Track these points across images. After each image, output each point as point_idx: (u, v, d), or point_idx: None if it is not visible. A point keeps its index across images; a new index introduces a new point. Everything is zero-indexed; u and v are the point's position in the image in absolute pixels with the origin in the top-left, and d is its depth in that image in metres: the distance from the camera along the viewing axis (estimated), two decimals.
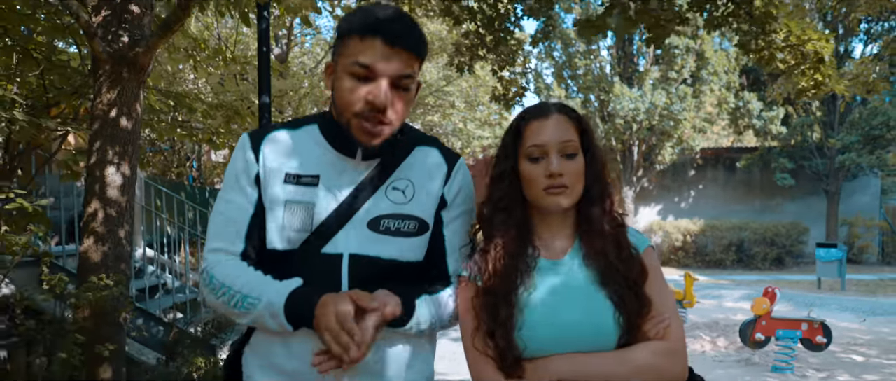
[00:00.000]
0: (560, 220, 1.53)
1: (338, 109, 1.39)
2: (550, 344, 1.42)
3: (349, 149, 1.42)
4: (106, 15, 3.79)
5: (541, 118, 1.48)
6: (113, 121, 3.83)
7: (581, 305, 1.44)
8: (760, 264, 16.98)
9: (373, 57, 1.33)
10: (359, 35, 1.34)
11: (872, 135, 16.12)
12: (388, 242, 1.44)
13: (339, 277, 1.41)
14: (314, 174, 1.43)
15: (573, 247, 1.52)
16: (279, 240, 1.42)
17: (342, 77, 1.36)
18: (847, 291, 12.10)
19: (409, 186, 1.48)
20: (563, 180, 1.44)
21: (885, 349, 7.70)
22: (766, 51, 4.41)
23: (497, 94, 5.42)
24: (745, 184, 19.20)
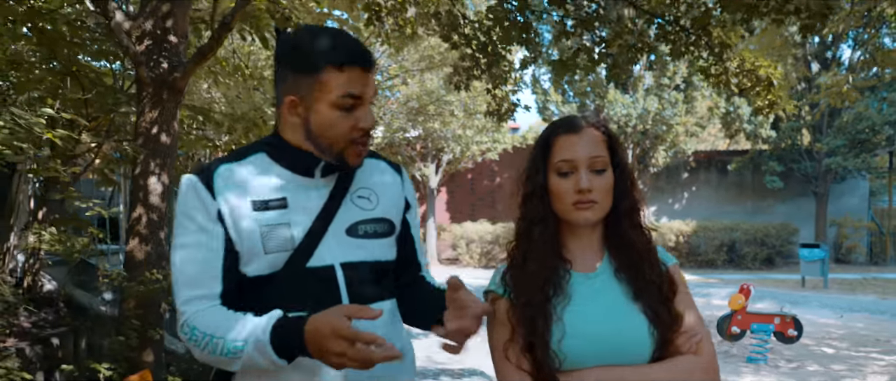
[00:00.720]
0: (589, 234, 1.53)
1: (323, 143, 1.42)
2: (587, 356, 1.43)
3: (307, 168, 1.46)
4: (148, 45, 4.35)
5: (571, 133, 1.48)
6: (154, 136, 4.39)
7: (616, 318, 1.45)
8: (751, 263, 17.51)
9: (358, 86, 1.38)
10: (336, 66, 1.37)
11: (858, 139, 16.66)
12: (368, 245, 1.50)
13: (336, 288, 1.44)
14: (281, 197, 1.44)
15: (603, 260, 1.53)
16: (262, 266, 1.42)
17: (325, 112, 1.39)
18: (829, 289, 12.65)
19: (372, 194, 1.55)
20: (592, 196, 1.45)
21: (855, 342, 8.24)
22: (724, 76, 4.97)
23: (491, 109, 5.99)
24: (737, 186, 19.74)
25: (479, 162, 19.32)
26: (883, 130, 16.27)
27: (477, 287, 1.49)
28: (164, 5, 4.36)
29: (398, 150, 17.49)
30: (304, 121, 1.41)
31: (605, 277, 1.50)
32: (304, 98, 1.39)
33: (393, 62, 12.23)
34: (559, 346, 1.42)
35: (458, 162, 18.52)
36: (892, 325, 9.44)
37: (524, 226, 1.53)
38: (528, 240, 1.51)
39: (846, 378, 6.50)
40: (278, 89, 1.44)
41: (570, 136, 1.46)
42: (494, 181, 20.38)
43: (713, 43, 4.65)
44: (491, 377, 6.16)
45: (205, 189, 1.41)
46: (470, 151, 16.97)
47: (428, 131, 16.05)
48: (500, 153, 18.74)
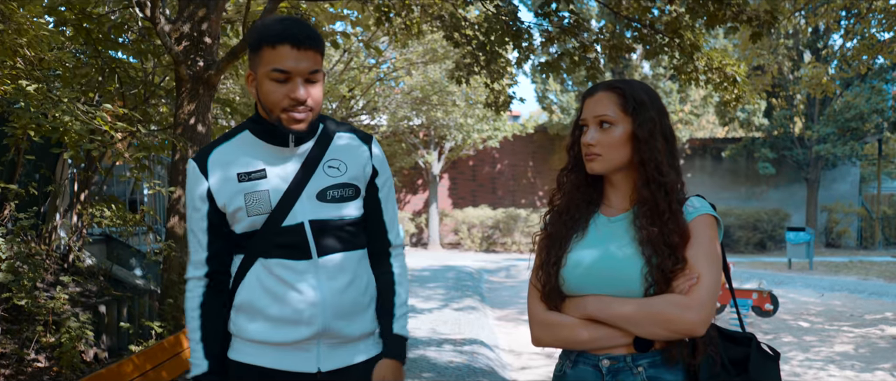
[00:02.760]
0: (621, 183, 1.69)
1: (266, 109, 1.70)
2: (584, 285, 1.63)
3: (282, 139, 1.74)
4: (186, 45, 4.92)
5: (590, 96, 1.69)
6: (192, 126, 4.97)
7: (614, 256, 1.62)
8: (744, 248, 18.10)
9: (286, 62, 1.63)
10: (270, 45, 1.65)
11: (848, 127, 17.18)
12: (334, 207, 1.78)
13: (306, 240, 1.75)
14: (260, 168, 1.74)
15: (631, 209, 1.67)
16: (245, 225, 1.74)
17: (264, 83, 1.67)
18: (814, 271, 13.23)
19: (341, 164, 1.80)
20: (595, 150, 1.63)
21: (830, 317, 8.84)
22: (694, 73, 5.54)
23: (489, 101, 6.57)
24: (732, 172, 20.28)
25: (481, 149, 19.85)
26: (871, 118, 16.78)
27: (478, 269, 1.98)
28: (200, 10, 4.93)
29: (402, 137, 18.02)
30: (256, 93, 1.72)
31: (625, 222, 1.66)
32: (255, 73, 1.71)
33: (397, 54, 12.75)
34: (563, 271, 1.65)
35: (460, 149, 19.04)
36: (868, 303, 10.03)
37: (564, 173, 1.76)
38: (561, 185, 1.77)
39: (815, 347, 7.10)
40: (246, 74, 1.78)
41: (589, 98, 1.68)
42: (495, 168, 20.93)
43: (685, 44, 5.24)
44: (490, 346, 6.77)
45: (198, 171, 1.76)
46: (471, 139, 17.51)
47: (431, 120, 16.55)
48: (501, 141, 19.28)
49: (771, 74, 12.42)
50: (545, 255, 1.71)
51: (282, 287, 1.73)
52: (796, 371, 6.15)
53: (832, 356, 6.68)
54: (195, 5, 4.95)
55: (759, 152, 18.43)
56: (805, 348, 7.09)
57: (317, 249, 1.75)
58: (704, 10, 4.51)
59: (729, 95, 5.76)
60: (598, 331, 1.60)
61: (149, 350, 3.30)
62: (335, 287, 1.76)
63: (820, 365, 6.33)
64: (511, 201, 20.51)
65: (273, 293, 1.74)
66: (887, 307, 9.49)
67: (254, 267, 1.76)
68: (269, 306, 1.74)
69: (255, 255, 1.75)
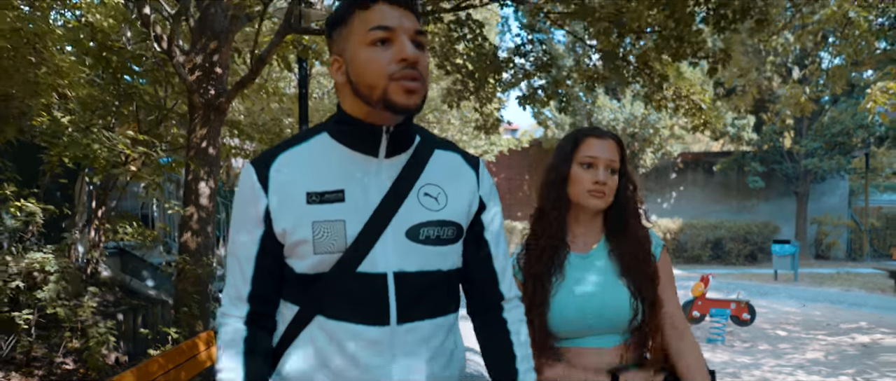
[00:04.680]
0: (590, 220, 1.83)
1: (365, 87, 1.30)
2: (576, 323, 1.72)
3: (370, 144, 1.35)
4: (198, 75, 5.38)
5: (596, 137, 1.81)
6: (203, 149, 5.43)
7: (602, 291, 1.74)
8: (734, 259, 18.52)
9: (388, 18, 1.29)
10: (361, 8, 1.31)
11: (835, 142, 17.66)
12: (430, 252, 1.36)
13: (386, 299, 1.31)
14: (338, 189, 1.33)
15: (599, 243, 1.82)
16: (309, 265, 1.32)
17: (360, 54, 1.30)
18: (799, 282, 13.65)
19: (440, 193, 1.39)
20: (605, 189, 1.77)
21: (808, 326, 9.25)
22: (664, 101, 6.03)
23: (478, 124, 7.06)
24: (723, 186, 20.75)
25: None
26: (857, 132, 17.24)
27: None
28: (212, 43, 5.40)
29: None
30: (346, 75, 1.33)
31: (598, 257, 1.80)
32: (343, 51, 1.33)
33: None
34: (551, 314, 1.72)
35: None
36: (846, 312, 10.44)
37: (544, 205, 1.83)
38: (544, 222, 1.81)
39: (788, 354, 7.51)
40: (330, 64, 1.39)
41: (596, 139, 1.80)
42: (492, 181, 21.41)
43: (654, 74, 5.72)
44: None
45: (258, 183, 1.34)
46: None
47: None
48: (497, 155, 19.77)
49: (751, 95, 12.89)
50: (528, 300, 1.70)
51: (344, 361, 1.31)
52: (766, 376, 6.56)
53: (802, 363, 7.10)
54: (207, 38, 5.41)
55: (750, 166, 18.89)
56: (778, 355, 7.50)
57: (397, 312, 1.32)
58: (668, 47, 5.00)
59: (697, 120, 6.25)
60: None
61: (169, 352, 3.72)
62: (412, 366, 1.33)
63: (789, 371, 6.75)
64: (507, 213, 20.96)
65: (333, 368, 1.31)
66: (864, 317, 9.90)
67: (310, 327, 1.34)
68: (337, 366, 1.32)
69: (313, 309, 1.33)
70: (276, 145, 1.41)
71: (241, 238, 1.37)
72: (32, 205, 3.70)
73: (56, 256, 3.65)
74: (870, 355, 7.41)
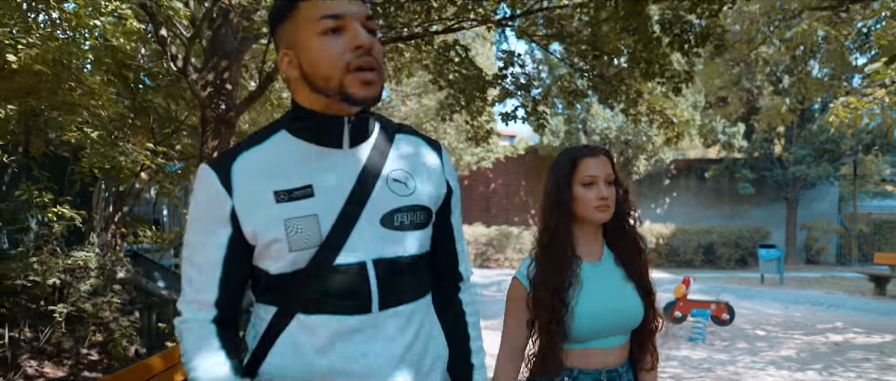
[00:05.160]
0: (593, 232, 1.96)
1: (321, 79, 1.26)
2: (595, 328, 1.87)
3: (332, 136, 1.32)
4: (210, 91, 5.86)
5: (591, 156, 1.92)
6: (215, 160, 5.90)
7: (618, 296, 1.90)
8: (725, 263, 18.95)
9: (337, 6, 1.25)
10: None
11: (823, 149, 18.11)
12: (405, 238, 1.35)
13: (367, 286, 1.30)
14: (305, 185, 1.29)
15: (604, 252, 1.97)
16: (284, 264, 1.28)
17: (311, 45, 1.25)
18: (785, 285, 14.09)
19: (408, 178, 1.38)
20: (608, 202, 1.89)
21: (786, 326, 9.69)
22: (639, 115, 6.51)
23: (470, 136, 7.56)
24: (715, 192, 21.19)
25: (475, 170, 20.80)
26: (844, 140, 17.70)
27: (473, 282, 1.71)
28: (223, 62, 5.87)
29: None
30: (300, 68, 1.28)
31: (607, 264, 1.95)
32: (293, 44, 1.29)
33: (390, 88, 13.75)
34: (573, 321, 1.83)
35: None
36: (825, 314, 10.89)
37: (551, 226, 1.92)
38: (553, 238, 1.91)
39: (763, 352, 7.96)
40: (278, 60, 1.33)
41: (591, 158, 1.92)
42: (489, 187, 21.88)
43: (630, 91, 6.20)
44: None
45: (220, 185, 1.28)
46: (464, 162, 18.49)
47: None
48: (494, 162, 20.23)
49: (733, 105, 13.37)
50: (545, 310, 1.84)
51: (327, 355, 1.28)
52: (739, 371, 7.01)
53: (775, 359, 7.55)
54: (218, 57, 5.89)
55: (740, 173, 19.34)
56: (754, 352, 7.95)
57: (379, 299, 1.32)
58: (638, 68, 5.49)
59: (670, 132, 6.73)
60: None
61: None
62: (395, 352, 1.33)
63: (761, 366, 7.20)
64: (504, 219, 21.42)
65: (315, 365, 1.28)
66: (841, 318, 10.35)
67: (290, 326, 1.30)
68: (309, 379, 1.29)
69: (293, 307, 1.29)
70: (231, 148, 1.35)
71: (203, 242, 1.30)
72: (68, 210, 4.16)
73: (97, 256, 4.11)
74: (839, 352, 7.86)
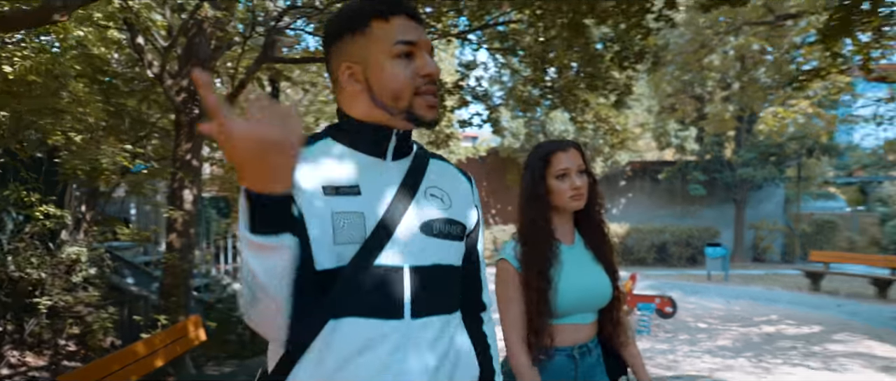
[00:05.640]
0: (568, 218, 2.15)
1: (390, 97, 1.30)
2: (574, 303, 2.05)
3: (379, 146, 1.35)
4: (184, 97, 6.19)
5: (563, 151, 2.10)
6: (187, 162, 6.23)
7: (591, 275, 2.10)
8: (676, 261, 19.74)
9: (410, 33, 1.31)
10: (383, 17, 1.31)
11: (769, 153, 19.02)
12: (443, 246, 1.37)
13: (401, 292, 1.29)
14: (353, 184, 1.30)
15: (576, 237, 2.16)
16: (328, 258, 1.25)
17: (385, 65, 1.30)
18: (729, 282, 14.85)
19: (444, 195, 1.42)
20: (581, 191, 2.08)
21: (726, 319, 10.36)
22: (585, 122, 7.06)
23: (430, 139, 8.03)
24: (668, 193, 21.99)
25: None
26: (788, 144, 18.62)
27: None
28: (196, 68, 6.20)
29: None
30: (366, 83, 1.32)
31: (579, 247, 2.15)
32: (361, 60, 1.32)
33: None
34: (557, 297, 2.01)
35: None
36: (762, 307, 11.60)
37: (531, 216, 2.10)
38: (534, 226, 2.09)
39: (702, 342, 8.57)
40: (331, 67, 1.37)
41: (562, 152, 2.10)
42: None
43: (578, 101, 6.74)
44: None
45: None
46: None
47: None
48: (456, 163, 20.64)
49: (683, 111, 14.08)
50: (531, 289, 2.02)
51: (360, 358, 1.25)
52: (677, 359, 7.59)
53: (711, 348, 8.16)
54: (192, 64, 6.23)
55: (692, 175, 20.17)
56: (694, 343, 8.56)
57: (412, 306, 1.31)
58: (584, 80, 6.02)
59: (615, 139, 7.28)
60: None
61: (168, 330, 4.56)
62: (426, 365, 1.30)
63: (698, 355, 7.79)
64: None
65: (348, 368, 1.24)
66: (776, 311, 11.07)
67: (323, 332, 1.26)
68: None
69: (328, 310, 1.26)
70: None
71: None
72: (54, 209, 4.48)
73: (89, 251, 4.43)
74: (770, 341, 8.52)
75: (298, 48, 7.67)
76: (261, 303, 1.14)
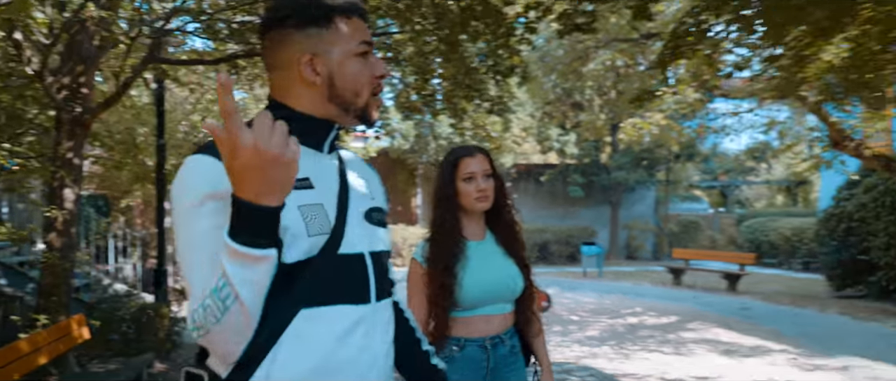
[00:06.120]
0: (478, 217, 2.33)
1: (351, 94, 1.31)
2: (483, 296, 2.22)
3: (319, 141, 1.34)
4: (66, 94, 6.12)
5: (470, 156, 2.29)
6: (68, 160, 6.16)
7: (501, 268, 2.26)
8: (557, 259, 20.81)
9: (367, 34, 1.34)
10: (347, 16, 1.31)
11: (640, 157, 20.47)
12: (380, 232, 1.41)
13: (366, 279, 1.33)
14: (305, 177, 1.26)
15: (487, 233, 2.34)
16: (299, 250, 1.22)
17: (349, 63, 1.31)
18: (603, 278, 15.93)
19: (366, 185, 1.44)
20: (487, 193, 2.26)
21: (596, 312, 11.19)
22: (464, 129, 7.56)
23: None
24: (550, 194, 23.12)
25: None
26: (658, 150, 20.12)
27: None
28: (79, 66, 6.15)
29: None
30: (328, 78, 1.30)
31: (489, 243, 2.33)
32: (325, 53, 1.30)
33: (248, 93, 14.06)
34: (461, 291, 2.17)
35: None
36: (630, 301, 12.56)
37: (440, 216, 2.30)
38: (443, 225, 2.28)
39: (573, 333, 9.27)
40: (280, 54, 1.31)
41: (470, 158, 2.29)
42: None
43: (458, 109, 7.23)
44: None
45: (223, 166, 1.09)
46: None
47: None
48: None
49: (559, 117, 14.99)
50: (436, 284, 2.21)
51: (334, 345, 1.25)
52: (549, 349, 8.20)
53: (580, 338, 8.86)
54: (75, 62, 6.16)
55: (572, 177, 21.34)
56: (565, 333, 9.24)
57: (376, 290, 1.35)
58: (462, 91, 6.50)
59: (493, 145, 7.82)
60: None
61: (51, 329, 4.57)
62: (386, 342, 1.38)
63: (568, 345, 8.46)
64: None
65: (322, 356, 1.23)
66: (642, 305, 12.04)
67: (294, 322, 1.22)
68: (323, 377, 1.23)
69: (298, 301, 1.22)
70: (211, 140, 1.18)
71: (212, 231, 1.14)
72: None
73: None
74: (632, 331, 9.35)
75: (185, 48, 7.69)
76: (231, 317, 1.10)
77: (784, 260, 18.65)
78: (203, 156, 1.22)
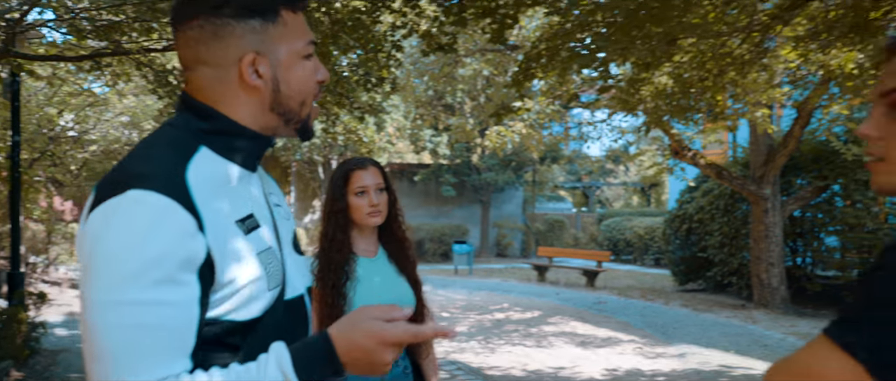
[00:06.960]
0: (370, 232, 2.24)
1: (297, 102, 1.09)
2: None
3: (255, 158, 1.12)
4: None
5: (361, 169, 2.18)
6: None
7: (393, 286, 2.20)
8: (431, 257, 21.32)
9: (311, 32, 1.12)
10: (293, 10, 1.09)
11: (508, 159, 21.40)
12: (303, 260, 1.24)
13: (305, 321, 1.18)
14: (250, 213, 1.06)
15: (380, 250, 2.26)
16: (259, 307, 1.04)
17: (297, 65, 1.08)
18: (473, 275, 16.56)
19: (277, 197, 1.22)
20: (379, 208, 2.17)
21: (466, 308, 11.68)
22: (334, 134, 7.83)
23: None
24: (424, 194, 23.61)
25: None
26: (524, 153, 21.11)
27: None
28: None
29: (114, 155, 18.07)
30: (274, 82, 1.07)
31: (382, 260, 2.25)
32: (270, 53, 1.06)
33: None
34: (354, 305, 2.08)
35: None
36: (498, 297, 13.19)
37: (330, 232, 2.19)
38: (333, 241, 2.17)
39: None
40: (211, 47, 1.05)
41: (361, 171, 2.19)
42: None
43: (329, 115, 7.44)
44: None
45: (189, 214, 0.93)
46: None
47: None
48: None
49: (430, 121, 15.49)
50: (326, 305, 2.10)
51: None
52: None
53: None
54: None
55: (444, 177, 21.94)
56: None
57: (312, 328, 1.25)
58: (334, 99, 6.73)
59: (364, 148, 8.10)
60: None
61: None
62: None
63: (437, 340, 8.82)
64: None
65: None
66: (509, 300, 12.69)
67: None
68: None
69: (246, 358, 1.02)
70: (162, 161, 0.99)
71: (172, 296, 0.92)
72: None
73: None
74: (498, 326, 9.90)
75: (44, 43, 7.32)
76: None
77: (638, 257, 20.23)
78: (165, 199, 0.93)
